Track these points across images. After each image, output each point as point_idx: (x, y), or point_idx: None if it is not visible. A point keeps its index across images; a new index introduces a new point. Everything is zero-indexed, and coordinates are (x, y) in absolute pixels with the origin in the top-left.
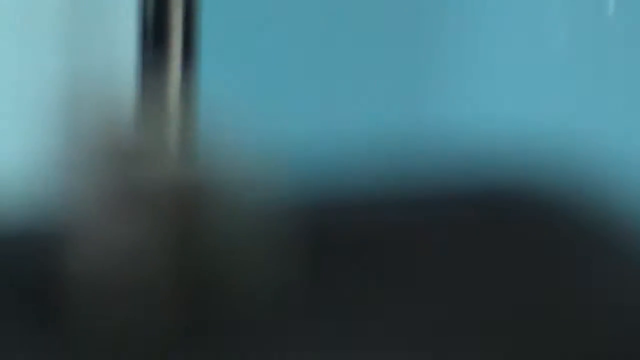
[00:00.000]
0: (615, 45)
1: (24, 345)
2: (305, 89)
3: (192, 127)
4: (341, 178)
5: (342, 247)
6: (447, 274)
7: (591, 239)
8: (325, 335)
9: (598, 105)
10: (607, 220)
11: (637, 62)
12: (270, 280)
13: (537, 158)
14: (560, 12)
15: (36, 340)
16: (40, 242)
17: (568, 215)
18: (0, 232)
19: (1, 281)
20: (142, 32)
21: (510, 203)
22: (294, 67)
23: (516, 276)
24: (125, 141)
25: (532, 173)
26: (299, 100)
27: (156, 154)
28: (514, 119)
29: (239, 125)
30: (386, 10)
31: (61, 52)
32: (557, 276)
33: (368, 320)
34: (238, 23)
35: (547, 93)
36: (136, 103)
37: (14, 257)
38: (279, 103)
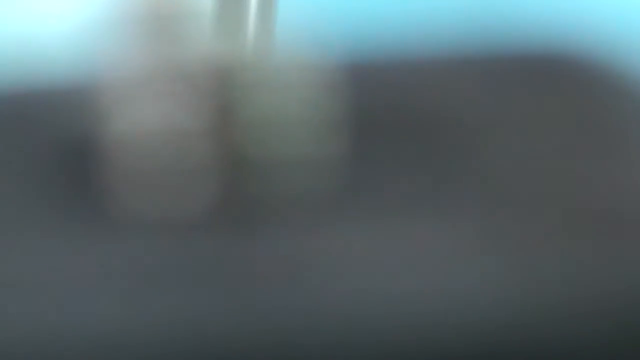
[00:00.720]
0: None
1: (58, 221)
2: None
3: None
4: (385, 42)
5: (387, 116)
6: (489, 139)
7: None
8: (369, 213)
9: None
10: None
11: None
12: (313, 157)
13: (578, 19)
14: None
15: (71, 215)
16: (78, 108)
17: (609, 74)
18: (37, 95)
19: (35, 145)
20: None
21: (551, 63)
22: None
23: (562, 136)
24: (175, 16)
25: (574, 34)
26: None
27: (205, 33)
28: None
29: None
30: None
31: None
32: (602, 136)
33: (414, 197)
34: None
35: None
36: None
37: (51, 123)
38: None
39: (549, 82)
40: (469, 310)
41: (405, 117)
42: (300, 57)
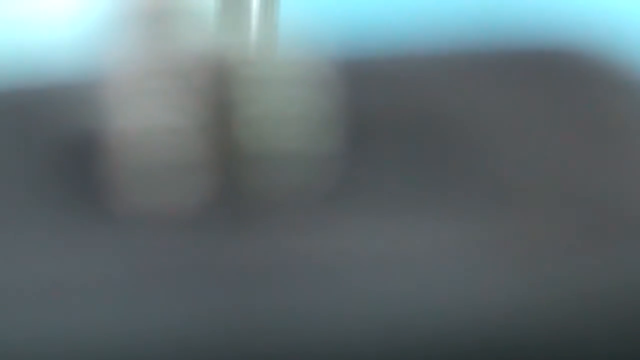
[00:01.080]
0: None
1: (59, 218)
2: None
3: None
4: (381, 37)
5: (387, 114)
6: (489, 137)
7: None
8: (368, 211)
9: None
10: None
11: None
12: (313, 154)
13: (578, 15)
14: None
15: (71, 212)
16: (79, 104)
17: (610, 69)
18: (38, 93)
19: (35, 136)
20: None
21: (553, 59)
22: None
23: (563, 134)
24: (177, 13)
25: (575, 30)
26: None
27: (206, 30)
28: None
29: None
30: None
31: None
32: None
33: (413, 195)
34: None
35: None
36: None
37: (52, 120)
38: None
39: (550, 80)
40: (469, 310)
41: (406, 114)
42: (301, 54)
